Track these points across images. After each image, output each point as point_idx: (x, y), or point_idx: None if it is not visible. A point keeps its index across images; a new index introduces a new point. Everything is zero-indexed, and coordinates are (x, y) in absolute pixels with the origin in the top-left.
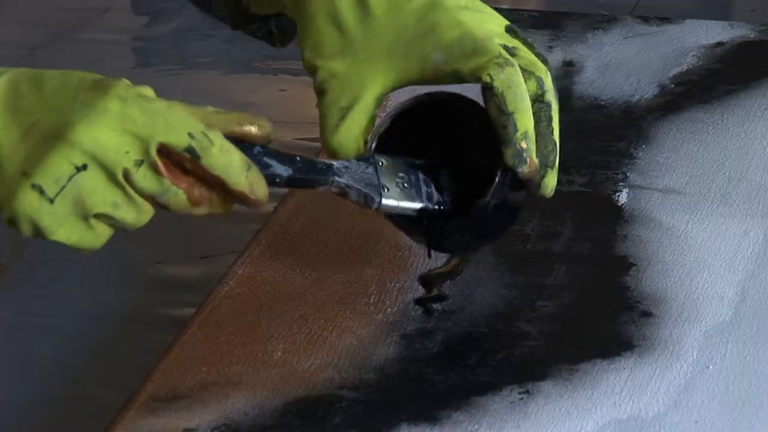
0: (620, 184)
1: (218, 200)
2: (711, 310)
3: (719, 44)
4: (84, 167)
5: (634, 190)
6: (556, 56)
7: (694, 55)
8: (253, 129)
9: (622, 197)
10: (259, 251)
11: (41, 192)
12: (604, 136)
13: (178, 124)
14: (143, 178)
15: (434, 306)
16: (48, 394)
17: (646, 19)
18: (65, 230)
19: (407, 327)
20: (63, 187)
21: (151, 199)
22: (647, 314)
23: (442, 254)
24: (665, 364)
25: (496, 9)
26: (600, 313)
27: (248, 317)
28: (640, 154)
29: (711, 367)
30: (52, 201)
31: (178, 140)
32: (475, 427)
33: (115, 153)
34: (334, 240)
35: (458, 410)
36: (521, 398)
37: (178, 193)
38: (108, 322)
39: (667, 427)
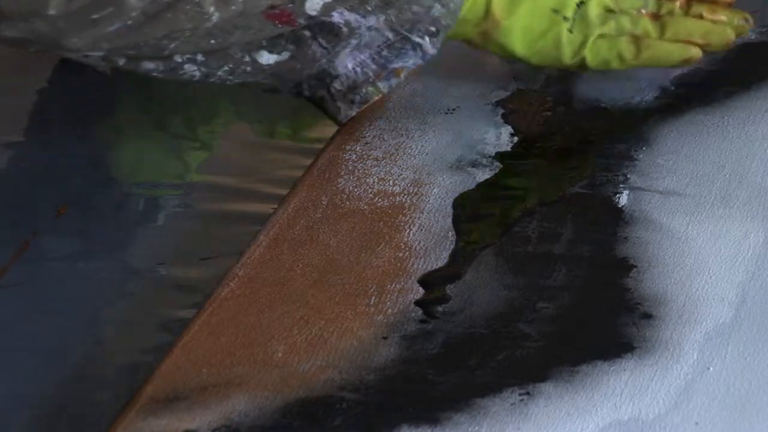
0: (621, 185)
1: None
2: (711, 312)
3: None
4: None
5: (635, 191)
6: None
7: None
8: None
9: (623, 199)
10: (259, 253)
11: None
12: (605, 138)
13: None
14: None
15: (435, 307)
16: (48, 395)
17: None
18: None
19: (408, 328)
20: None
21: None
22: (648, 316)
23: (443, 255)
24: (666, 366)
25: None
26: (600, 314)
27: (249, 318)
28: (641, 155)
29: (711, 368)
30: None
31: None
32: (476, 428)
33: None
34: (334, 241)
35: (459, 412)
36: (522, 400)
37: None
38: (108, 323)
39: (667, 429)
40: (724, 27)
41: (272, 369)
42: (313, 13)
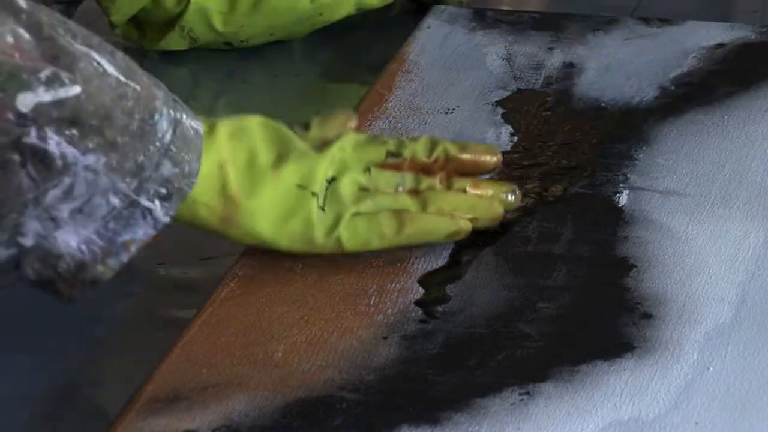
0: (621, 185)
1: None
2: (711, 312)
3: (720, 46)
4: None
5: (635, 191)
6: (557, 58)
7: (694, 57)
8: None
9: (623, 199)
10: (259, 253)
11: None
12: (605, 138)
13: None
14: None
15: (435, 307)
16: (48, 395)
17: (647, 21)
18: None
19: (408, 328)
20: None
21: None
22: (648, 316)
23: (443, 255)
24: (666, 366)
25: (497, 11)
26: (600, 314)
27: (249, 318)
28: (641, 155)
29: (711, 368)
30: None
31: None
32: (476, 428)
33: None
34: None
35: (459, 411)
36: (522, 399)
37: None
38: (108, 323)
39: (667, 429)
40: (491, 201)
41: (272, 369)
42: (24, 110)
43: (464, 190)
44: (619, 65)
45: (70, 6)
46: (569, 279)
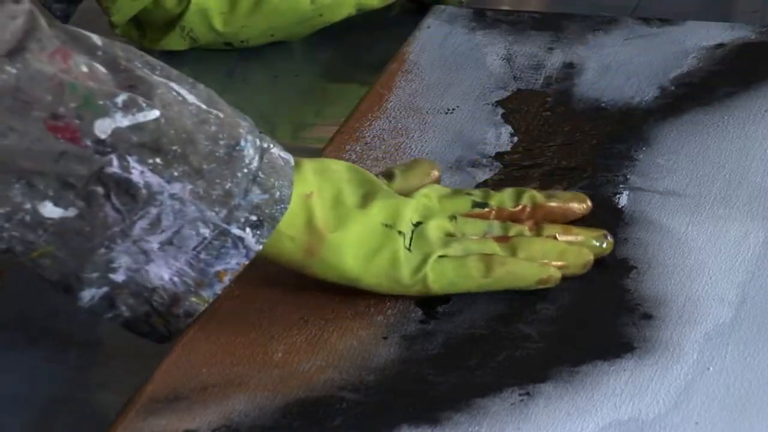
0: (621, 186)
1: None
2: (711, 312)
3: (720, 46)
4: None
5: (635, 192)
6: (557, 58)
7: (694, 57)
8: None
9: (623, 200)
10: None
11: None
12: (605, 138)
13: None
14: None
15: (435, 308)
16: (47, 395)
17: (647, 21)
18: None
19: (408, 328)
20: None
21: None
22: (648, 316)
23: None
24: (666, 366)
25: (497, 11)
26: (600, 315)
27: (249, 318)
28: (641, 156)
29: (711, 368)
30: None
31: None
32: (476, 428)
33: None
34: None
35: (459, 412)
36: (522, 400)
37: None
38: (108, 323)
39: (667, 429)
40: (580, 248)
41: (272, 369)
42: (103, 136)
43: (554, 237)
44: (619, 65)
45: (70, 6)
46: (569, 280)
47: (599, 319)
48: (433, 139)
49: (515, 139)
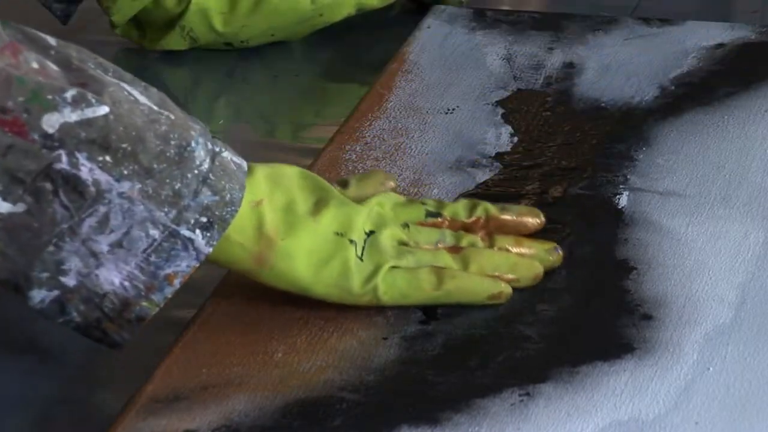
0: (621, 186)
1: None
2: (711, 313)
3: (720, 46)
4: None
5: (635, 192)
6: (557, 58)
7: (694, 57)
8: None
9: (623, 200)
10: None
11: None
12: (605, 138)
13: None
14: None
15: (435, 309)
16: (47, 395)
17: (646, 21)
18: None
19: (408, 329)
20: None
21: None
22: (648, 317)
23: None
24: (665, 366)
25: (497, 11)
26: (600, 316)
27: (249, 318)
28: (641, 156)
29: (711, 368)
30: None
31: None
32: (476, 429)
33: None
34: None
35: (459, 412)
36: (522, 400)
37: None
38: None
39: (667, 429)
40: (531, 260)
41: (272, 369)
42: (50, 131)
43: (507, 249)
44: (619, 65)
45: (70, 6)
46: (569, 281)
47: (599, 320)
48: (433, 139)
49: (515, 139)
